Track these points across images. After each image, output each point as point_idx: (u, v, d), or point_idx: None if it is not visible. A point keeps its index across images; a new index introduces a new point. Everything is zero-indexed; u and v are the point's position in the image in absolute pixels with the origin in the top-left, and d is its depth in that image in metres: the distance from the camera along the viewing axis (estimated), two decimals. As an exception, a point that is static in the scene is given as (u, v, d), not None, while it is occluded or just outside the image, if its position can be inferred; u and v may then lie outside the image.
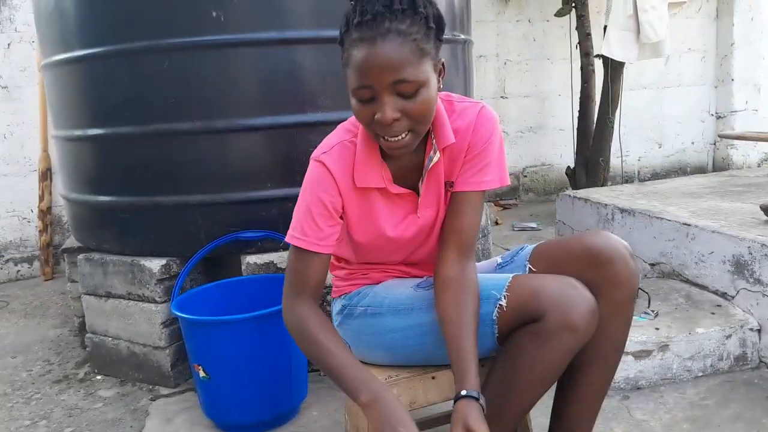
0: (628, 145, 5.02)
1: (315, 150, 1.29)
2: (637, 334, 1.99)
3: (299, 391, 1.96)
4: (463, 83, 2.59)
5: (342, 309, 1.43)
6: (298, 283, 1.26)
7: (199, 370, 1.84)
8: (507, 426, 1.24)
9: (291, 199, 2.09)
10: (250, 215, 2.12)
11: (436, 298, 1.25)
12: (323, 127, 2.05)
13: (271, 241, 2.12)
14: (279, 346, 1.85)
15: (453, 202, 1.31)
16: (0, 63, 3.80)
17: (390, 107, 1.10)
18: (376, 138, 1.18)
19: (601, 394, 1.34)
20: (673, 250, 2.42)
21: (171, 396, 2.18)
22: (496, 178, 1.29)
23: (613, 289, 1.24)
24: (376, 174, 1.26)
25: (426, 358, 1.33)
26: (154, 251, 2.22)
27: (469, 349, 1.16)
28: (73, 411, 2.12)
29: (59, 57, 2.26)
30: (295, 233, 1.26)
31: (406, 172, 1.30)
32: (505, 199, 5.23)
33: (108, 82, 2.15)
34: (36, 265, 4.01)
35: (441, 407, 1.59)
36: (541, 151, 5.34)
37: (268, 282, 2.08)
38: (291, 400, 1.93)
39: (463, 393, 1.11)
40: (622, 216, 2.71)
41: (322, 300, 2.03)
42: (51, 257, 3.93)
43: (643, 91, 5.44)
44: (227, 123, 2.07)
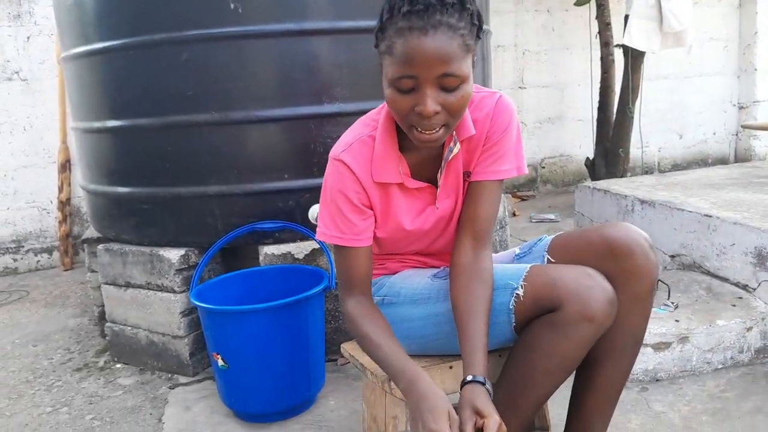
0: (648, 136, 4.95)
1: (333, 147, 1.28)
2: (657, 326, 1.97)
3: (317, 380, 1.98)
4: (480, 73, 2.57)
5: (359, 299, 1.43)
6: (346, 280, 1.30)
7: (218, 359, 1.86)
8: (524, 416, 1.24)
9: (308, 190, 2.13)
10: (267, 206, 2.13)
11: (450, 285, 1.25)
12: (340, 118, 2.07)
13: (289, 231, 2.12)
14: (296, 336, 1.86)
15: (470, 191, 1.30)
16: (19, 56, 3.84)
17: (432, 100, 1.09)
18: (409, 130, 1.16)
19: (620, 385, 1.33)
20: (693, 242, 2.39)
21: (189, 384, 2.20)
22: (514, 166, 1.28)
23: (632, 280, 1.23)
24: (394, 169, 1.26)
25: (443, 347, 1.33)
26: (172, 242, 2.24)
27: (477, 336, 1.16)
28: (93, 398, 2.16)
29: (78, 50, 2.28)
30: (330, 232, 1.27)
31: (425, 164, 1.29)
32: (522, 190, 5.21)
33: (127, 74, 2.17)
34: (55, 256, 4.07)
35: (459, 396, 1.58)
36: (560, 142, 5.30)
37: (286, 272, 2.09)
38: (308, 389, 1.94)
39: (468, 378, 1.12)
40: (642, 207, 2.68)
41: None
42: (70, 248, 3.98)
43: (664, 81, 5.37)
44: (245, 114, 2.07)
